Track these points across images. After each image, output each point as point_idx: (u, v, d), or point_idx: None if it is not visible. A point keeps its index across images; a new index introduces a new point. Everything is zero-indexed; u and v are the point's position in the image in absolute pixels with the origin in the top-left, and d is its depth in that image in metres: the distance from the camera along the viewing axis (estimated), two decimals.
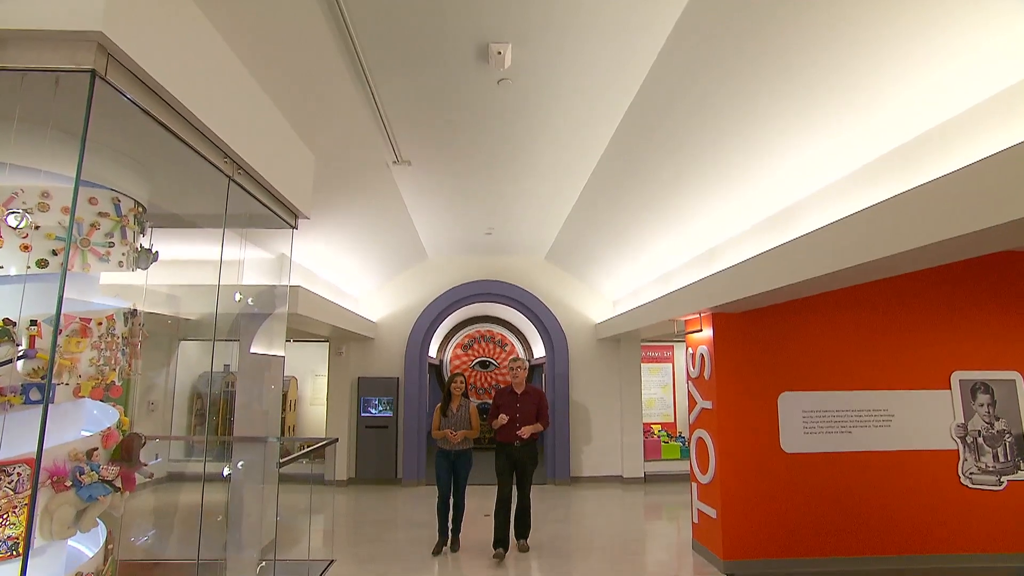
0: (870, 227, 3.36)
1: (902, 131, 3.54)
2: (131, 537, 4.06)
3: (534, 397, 6.14)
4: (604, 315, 10.55)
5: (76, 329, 2.46)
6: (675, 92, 4.21)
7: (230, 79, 3.10)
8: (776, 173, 4.65)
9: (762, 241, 5.02)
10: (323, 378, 11.12)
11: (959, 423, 5.83)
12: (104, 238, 2.64)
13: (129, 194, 2.74)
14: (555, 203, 7.41)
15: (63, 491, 2.31)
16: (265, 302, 4.97)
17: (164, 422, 6.93)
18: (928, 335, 5.94)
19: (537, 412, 6.08)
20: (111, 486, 2.44)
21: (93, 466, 2.42)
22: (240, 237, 3.98)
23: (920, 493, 5.70)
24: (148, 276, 3.03)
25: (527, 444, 6.05)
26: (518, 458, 6.02)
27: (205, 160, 2.83)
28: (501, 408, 6.07)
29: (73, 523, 2.34)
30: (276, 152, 3.82)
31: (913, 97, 3.35)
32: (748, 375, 5.81)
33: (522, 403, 6.07)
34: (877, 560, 5.59)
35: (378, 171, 5.97)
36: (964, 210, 2.67)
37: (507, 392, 6.19)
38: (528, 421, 6.01)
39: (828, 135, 3.98)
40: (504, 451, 6.06)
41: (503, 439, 6.05)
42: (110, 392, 2.62)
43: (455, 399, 6.19)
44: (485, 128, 5.16)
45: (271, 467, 4.85)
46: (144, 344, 2.97)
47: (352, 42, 3.60)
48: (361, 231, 7.62)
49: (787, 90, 3.72)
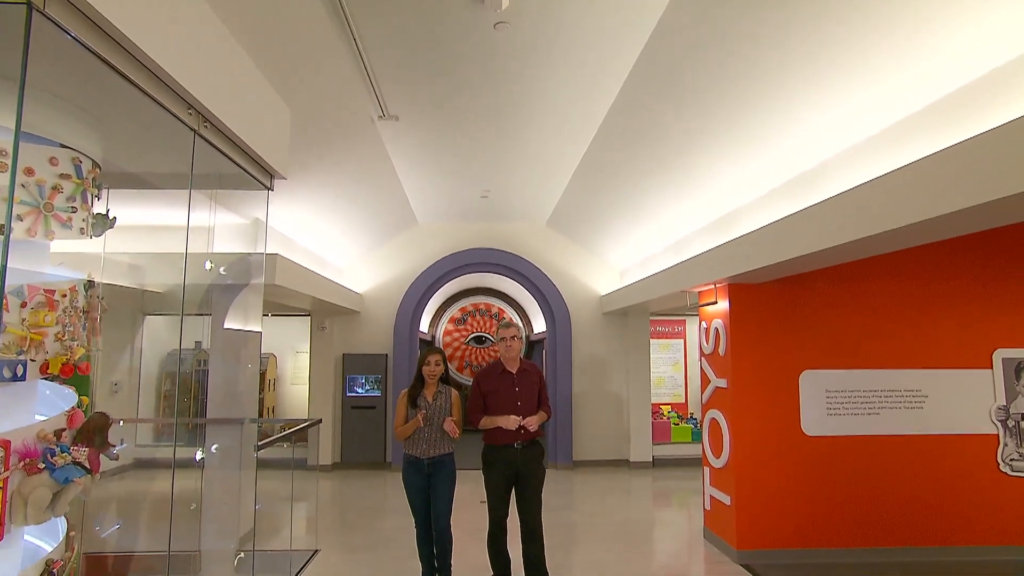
0: (906, 188, 3.29)
1: (944, 82, 3.44)
2: (96, 527, 4.06)
3: (533, 376, 4.80)
4: (610, 286, 10.52)
5: (42, 301, 2.44)
6: (690, 41, 4.10)
7: (192, 18, 2.99)
8: (801, 129, 4.56)
9: (784, 205, 4.96)
10: (305, 355, 11.15)
11: (1000, 405, 5.82)
12: (66, 202, 2.58)
13: (81, 150, 2.66)
14: (557, 163, 7.32)
15: (36, 473, 2.31)
16: (239, 272, 4.91)
17: (130, 404, 6.92)
18: (968, 308, 5.90)
19: (539, 396, 4.80)
20: (83, 468, 2.46)
21: (63, 447, 2.42)
22: (209, 200, 3.91)
23: (955, 480, 5.73)
24: (106, 244, 2.97)
25: (532, 445, 4.66)
26: (520, 466, 4.58)
27: (165, 111, 2.74)
28: (491, 396, 4.66)
29: (48, 507, 2.36)
30: (247, 104, 3.72)
31: (959, 45, 3.24)
32: (767, 351, 5.79)
33: (521, 386, 4.68)
34: (905, 551, 5.64)
35: (362, 127, 5.87)
36: (1017, 168, 2.59)
37: (496, 372, 4.75)
38: (531, 409, 4.66)
39: (861, 87, 3.88)
40: (498, 458, 4.58)
41: (496, 439, 4.62)
42: (79, 369, 2.60)
43: (430, 385, 4.75)
44: (480, 79, 5.06)
45: (248, 451, 4.84)
46: (104, 319, 2.92)
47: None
48: (344, 194, 7.54)
49: (818, 35, 3.61)
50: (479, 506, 7.06)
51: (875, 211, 3.54)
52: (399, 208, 9.15)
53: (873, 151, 4.03)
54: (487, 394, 4.69)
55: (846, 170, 4.27)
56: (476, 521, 6.28)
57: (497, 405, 4.64)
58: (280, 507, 6.84)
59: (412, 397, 4.69)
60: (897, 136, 3.82)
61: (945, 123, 3.39)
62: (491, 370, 4.81)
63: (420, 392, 4.71)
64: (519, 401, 4.62)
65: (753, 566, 5.46)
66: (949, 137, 3.18)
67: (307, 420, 6.83)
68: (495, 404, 4.65)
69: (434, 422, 4.64)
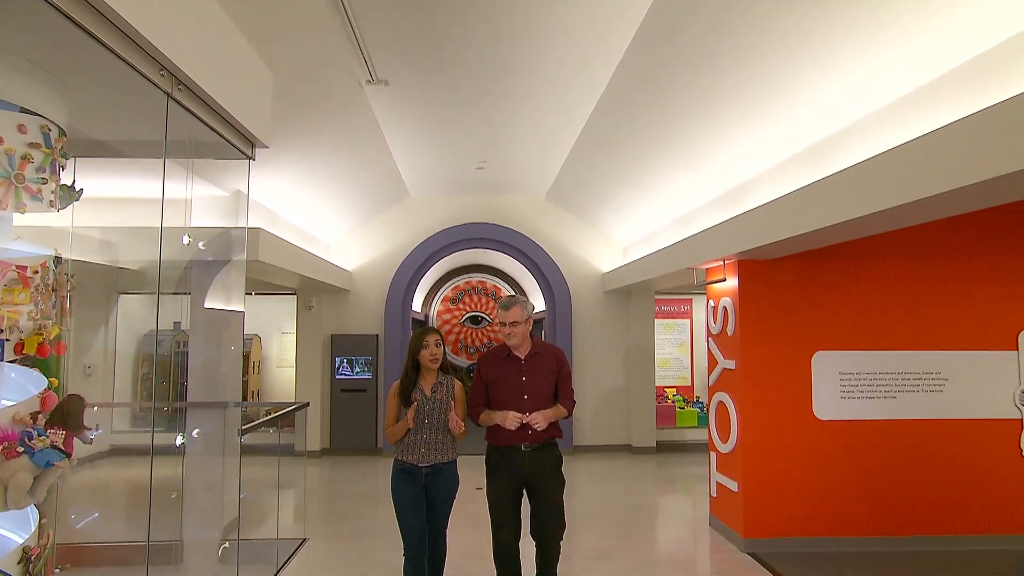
0: (931, 156, 3.23)
1: (975, 42, 3.37)
2: (71, 515, 4.05)
3: (548, 362, 4.07)
4: (613, 263, 10.49)
5: (15, 279, 2.42)
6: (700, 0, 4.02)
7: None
8: (819, 93, 4.50)
9: (798, 176, 4.90)
10: (291, 336, 11.12)
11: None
12: (36, 173, 2.55)
13: (44, 115, 2.60)
14: (558, 132, 7.26)
15: (15, 457, 2.33)
16: (220, 248, 4.86)
17: (104, 388, 6.90)
18: (991, 287, 5.86)
19: (556, 387, 4.09)
20: (62, 451, 2.48)
21: (39, 430, 2.44)
22: (186, 170, 3.86)
23: (975, 467, 5.73)
24: (74, 217, 2.91)
25: (546, 448, 3.99)
26: (529, 475, 3.94)
27: (136, 71, 2.66)
28: (493, 386, 4.04)
29: (29, 491, 2.39)
30: (225, 65, 3.64)
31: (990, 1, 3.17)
32: (778, 331, 5.77)
33: (530, 375, 4.00)
34: (920, 540, 5.67)
35: (350, 93, 5.80)
36: None
37: (500, 357, 4.09)
38: (542, 404, 3.95)
39: (885, 47, 3.81)
40: (503, 462, 3.96)
41: (499, 439, 3.98)
42: (55, 349, 2.60)
43: (427, 374, 4.02)
44: (475, 41, 4.98)
45: (232, 436, 4.84)
46: (74, 298, 2.89)
47: None
48: (331, 165, 7.49)
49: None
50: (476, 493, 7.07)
51: (897, 181, 3.49)
52: (390, 180, 9.09)
53: (896, 117, 3.97)
54: (490, 383, 4.05)
55: (866, 137, 4.20)
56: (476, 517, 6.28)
57: (499, 397, 3.99)
58: (266, 495, 6.84)
59: (405, 391, 3.97)
60: (922, 101, 3.75)
61: (975, 87, 3.33)
62: (495, 354, 4.14)
63: (416, 384, 3.97)
64: (525, 394, 3.94)
65: (760, 555, 5.49)
66: (979, 101, 3.11)
67: (294, 404, 6.82)
68: (497, 396, 4.00)
69: (433, 421, 3.93)
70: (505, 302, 4.05)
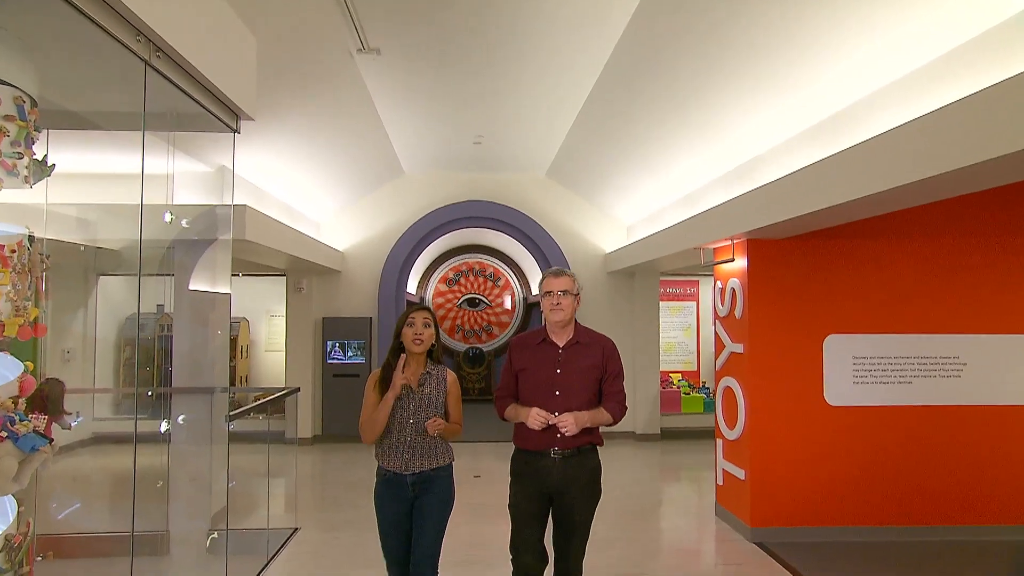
0: (950, 130, 3.20)
1: (997, 10, 3.32)
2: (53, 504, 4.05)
3: (592, 354, 3.52)
4: (616, 243, 10.47)
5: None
6: None
7: None
8: (832, 66, 4.46)
9: (810, 152, 4.89)
10: (280, 319, 11.11)
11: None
12: (11, 147, 2.50)
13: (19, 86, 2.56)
14: (559, 106, 7.22)
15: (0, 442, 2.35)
16: (204, 226, 4.83)
17: (85, 373, 6.88)
18: (1012, 268, 5.84)
19: (601, 384, 3.52)
20: (44, 436, 2.49)
21: (20, 415, 2.43)
22: (167, 143, 3.81)
23: (994, 455, 5.75)
24: (48, 194, 2.88)
25: (580, 455, 3.44)
26: (557, 487, 3.41)
27: (111, 37, 2.61)
28: (523, 376, 3.54)
29: (15, 477, 2.39)
30: (207, 31, 3.58)
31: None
32: (788, 314, 5.77)
33: (565, 367, 3.47)
34: (934, 530, 5.70)
35: (339, 62, 5.76)
36: None
37: (534, 343, 3.58)
38: (577, 404, 3.40)
39: (901, 17, 3.76)
40: (528, 469, 3.47)
41: (526, 442, 3.48)
42: (36, 331, 2.58)
43: (413, 360, 3.51)
44: (472, 7, 4.94)
45: (219, 423, 4.83)
46: (49, 278, 2.86)
47: None
48: (321, 139, 7.45)
49: None
50: (473, 482, 7.06)
51: (915, 156, 3.45)
52: (383, 155, 9.04)
53: (914, 89, 3.93)
54: (520, 372, 3.55)
55: (882, 111, 4.17)
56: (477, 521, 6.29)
57: (527, 391, 3.50)
58: (256, 483, 6.86)
59: (385, 377, 3.50)
60: (942, 72, 3.72)
61: (998, 57, 3.29)
62: (529, 338, 3.63)
63: (394, 368, 3.45)
64: (557, 389, 3.42)
65: (767, 544, 5.52)
66: (1002, 72, 3.07)
67: (284, 389, 6.81)
68: (526, 389, 3.52)
69: (420, 419, 3.43)
70: (555, 270, 3.61)
